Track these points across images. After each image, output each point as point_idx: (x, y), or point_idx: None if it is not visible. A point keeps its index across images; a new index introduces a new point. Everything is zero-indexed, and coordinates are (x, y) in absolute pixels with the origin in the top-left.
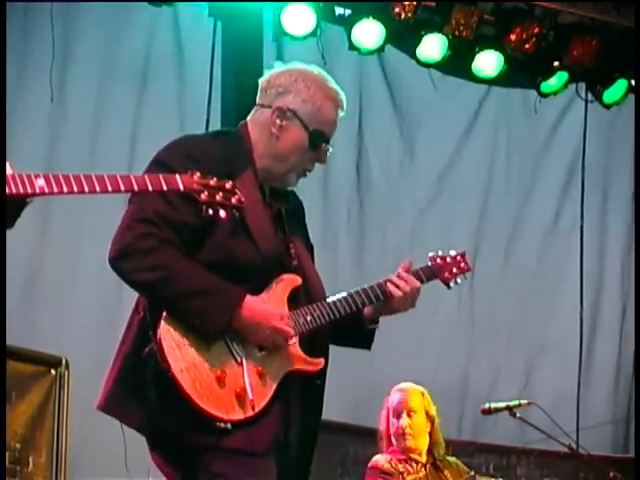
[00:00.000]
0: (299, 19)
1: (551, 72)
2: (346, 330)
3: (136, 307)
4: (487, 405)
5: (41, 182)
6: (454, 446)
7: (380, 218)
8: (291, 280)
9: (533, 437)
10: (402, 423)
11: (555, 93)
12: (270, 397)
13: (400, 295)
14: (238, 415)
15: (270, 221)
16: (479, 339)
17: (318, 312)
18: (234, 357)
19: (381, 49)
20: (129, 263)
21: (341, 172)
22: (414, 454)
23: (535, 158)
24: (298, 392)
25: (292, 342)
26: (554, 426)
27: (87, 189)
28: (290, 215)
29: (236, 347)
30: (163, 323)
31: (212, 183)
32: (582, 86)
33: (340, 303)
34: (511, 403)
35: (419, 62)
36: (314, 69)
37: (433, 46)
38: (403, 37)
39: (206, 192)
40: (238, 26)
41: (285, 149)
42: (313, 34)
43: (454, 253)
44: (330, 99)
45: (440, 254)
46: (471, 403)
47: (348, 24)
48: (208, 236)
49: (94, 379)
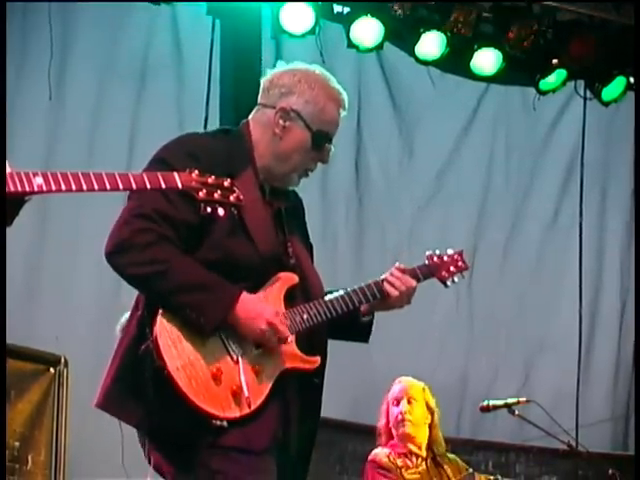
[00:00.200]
0: (298, 17)
1: (550, 70)
2: (342, 325)
3: (136, 304)
4: (486, 403)
5: (39, 180)
6: (453, 444)
7: (379, 216)
8: (288, 278)
9: (532, 435)
10: (402, 408)
11: (554, 91)
12: (266, 395)
13: (396, 294)
14: (234, 413)
15: (269, 220)
16: (478, 337)
17: (314, 310)
18: (230, 355)
19: (380, 47)
20: (125, 257)
21: (340, 170)
22: (413, 445)
23: (534, 156)
24: (296, 391)
25: (289, 339)
26: (553, 424)
27: (85, 187)
28: (290, 214)
29: (232, 345)
30: (159, 321)
31: (210, 181)
32: (581, 84)
33: (337, 301)
34: (510, 401)
35: (418, 60)
36: (317, 69)
37: (432, 44)
38: (402, 35)
39: (204, 190)
40: (237, 24)
41: (288, 149)
42: (312, 32)
43: (451, 252)
44: (332, 99)
45: (437, 253)
46: (470, 401)
47: (347, 22)
48: (206, 235)
49: (93, 378)
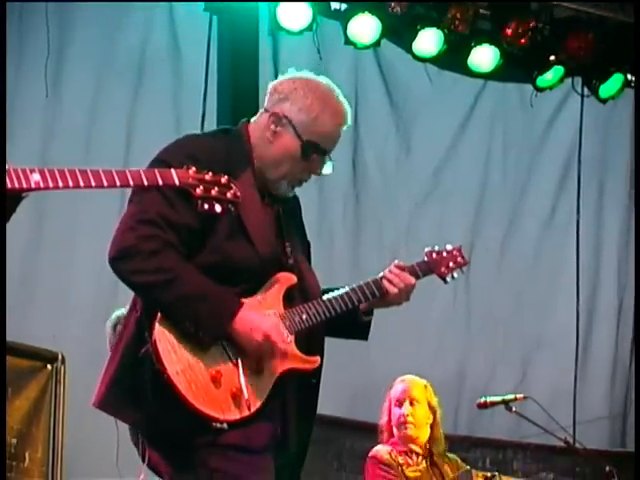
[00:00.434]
0: (295, 14)
1: (547, 66)
2: (342, 323)
3: (134, 305)
4: (483, 399)
5: (37, 177)
6: (450, 441)
7: (376, 213)
8: (286, 279)
9: (529, 432)
10: (404, 411)
11: (551, 87)
12: (266, 397)
13: (395, 292)
14: (234, 415)
15: (268, 222)
16: (475, 334)
17: (314, 310)
18: (229, 357)
19: (377, 44)
20: (130, 264)
21: (337, 167)
22: (414, 445)
23: (531, 152)
24: (294, 390)
25: (289, 340)
26: (550, 420)
27: (82, 184)
28: (288, 214)
29: (231, 347)
30: (158, 325)
31: (208, 178)
32: (578, 80)
33: (336, 301)
34: (507, 397)
35: (415, 57)
36: (321, 80)
37: (429, 41)
38: (399, 32)
39: (201, 187)
40: (234, 21)
41: (277, 155)
42: (309, 29)
43: (450, 247)
44: (329, 112)
45: (436, 249)
46: (467, 398)
47: (344, 19)
48: (207, 238)
49: (90, 377)
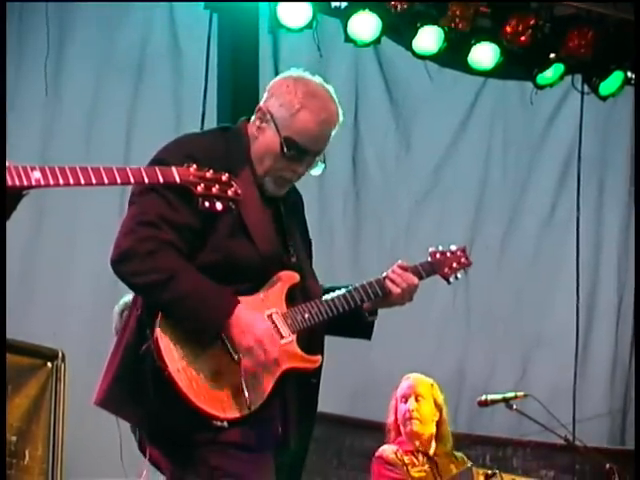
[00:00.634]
0: (295, 11)
1: (547, 64)
2: (346, 322)
3: (134, 302)
4: (484, 397)
5: (37, 174)
6: None
7: (376, 210)
8: (289, 277)
9: (529, 429)
10: (409, 406)
11: (551, 85)
12: (267, 396)
13: (398, 291)
14: (234, 414)
15: (269, 219)
16: (475, 332)
17: (316, 309)
18: (231, 355)
19: (377, 41)
20: (128, 266)
21: (337, 164)
22: (420, 442)
23: (531, 150)
24: (294, 389)
25: (290, 339)
26: (551, 418)
27: (83, 181)
28: (289, 211)
29: (233, 345)
30: (159, 322)
31: (208, 175)
32: (578, 78)
33: (338, 300)
34: (507, 395)
35: (415, 54)
36: (313, 78)
37: (429, 38)
38: (399, 29)
39: (202, 184)
40: (234, 18)
41: (260, 151)
42: (309, 26)
43: (454, 248)
44: (311, 109)
45: (440, 249)
46: (467, 396)
47: (344, 16)
48: (208, 236)
49: (89, 375)
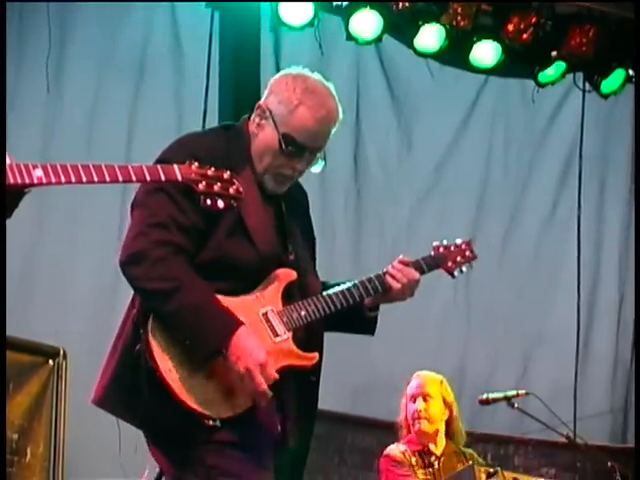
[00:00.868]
0: (297, 9)
1: (549, 62)
2: (347, 318)
3: (132, 301)
4: (485, 395)
5: (39, 172)
6: None
7: (377, 208)
8: (286, 275)
9: (531, 427)
10: (417, 406)
11: (553, 83)
12: None
13: (398, 287)
14: (227, 413)
15: (269, 218)
16: (476, 330)
17: (313, 306)
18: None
19: (379, 39)
20: (137, 269)
21: (339, 162)
22: (429, 441)
23: (532, 148)
24: (293, 388)
25: (286, 336)
26: (552, 416)
27: (85, 179)
28: (291, 209)
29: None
30: (152, 322)
31: (210, 173)
32: (580, 76)
33: (336, 297)
34: (509, 393)
35: (417, 52)
36: (312, 75)
37: (431, 36)
38: (401, 27)
39: (204, 182)
40: (235, 16)
41: (260, 148)
42: (311, 24)
43: (459, 241)
44: (309, 105)
45: (444, 243)
46: (468, 394)
47: (346, 14)
48: (209, 236)
49: (90, 373)
